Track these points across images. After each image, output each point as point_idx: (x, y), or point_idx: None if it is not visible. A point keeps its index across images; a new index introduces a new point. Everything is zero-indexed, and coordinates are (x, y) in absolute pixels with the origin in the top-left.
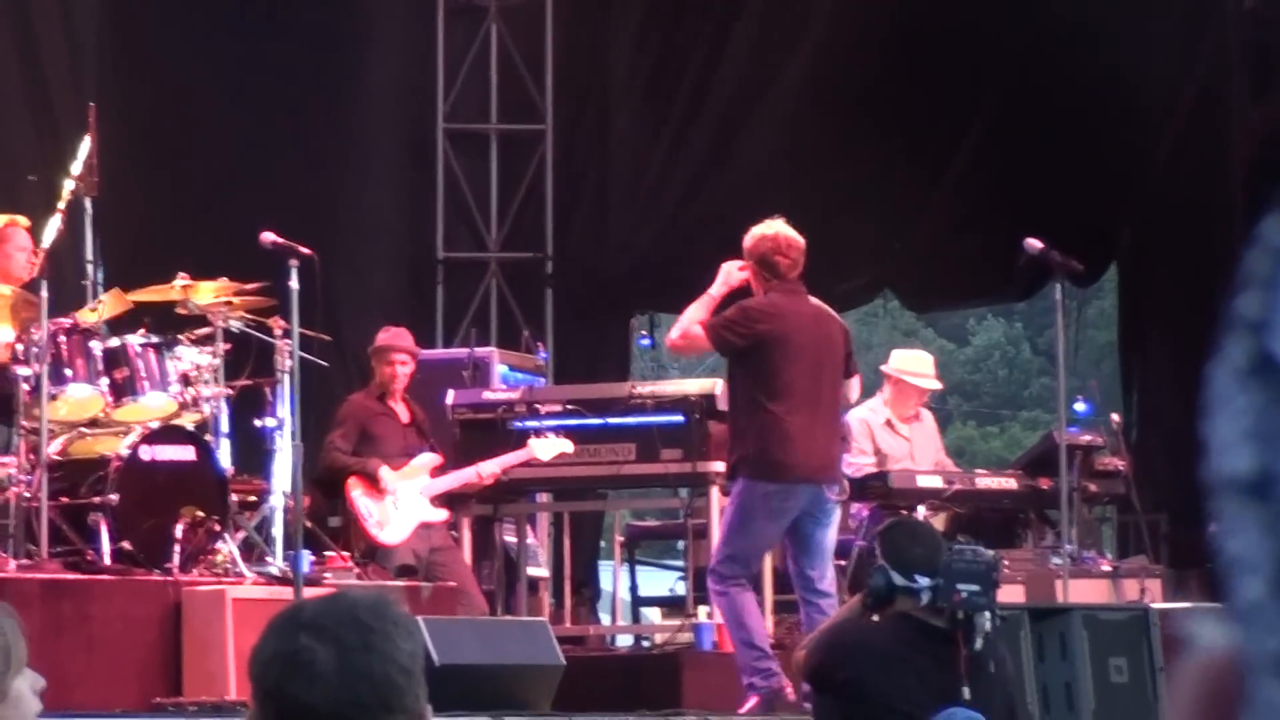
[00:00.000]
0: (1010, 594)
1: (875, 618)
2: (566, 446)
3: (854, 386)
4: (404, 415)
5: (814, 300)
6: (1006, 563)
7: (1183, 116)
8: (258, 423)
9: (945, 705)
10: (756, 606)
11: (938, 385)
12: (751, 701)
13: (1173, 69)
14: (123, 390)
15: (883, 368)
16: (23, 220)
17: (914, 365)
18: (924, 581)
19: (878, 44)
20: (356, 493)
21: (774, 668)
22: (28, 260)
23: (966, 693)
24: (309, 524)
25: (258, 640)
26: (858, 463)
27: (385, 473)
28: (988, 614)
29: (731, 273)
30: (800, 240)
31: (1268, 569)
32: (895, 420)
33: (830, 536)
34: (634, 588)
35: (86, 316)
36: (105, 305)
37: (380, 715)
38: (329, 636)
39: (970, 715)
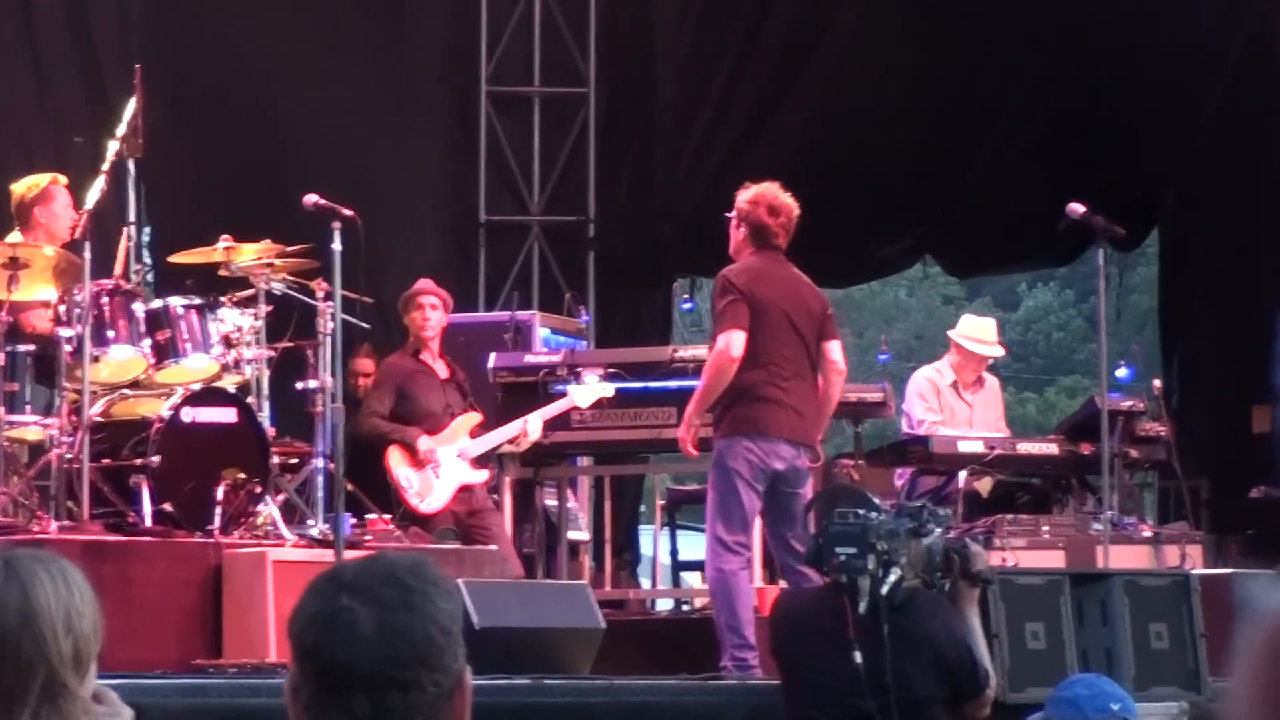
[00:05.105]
0: (1051, 559)
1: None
2: (606, 390)
3: (836, 349)
4: (442, 372)
5: (793, 269)
6: (1047, 528)
7: (1227, 80)
8: (299, 385)
9: (849, 670)
10: (749, 591)
11: (1000, 351)
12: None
13: (1217, 31)
14: (165, 352)
15: (949, 333)
16: (63, 179)
17: (978, 331)
18: None
19: (922, 7)
20: (395, 461)
21: (750, 659)
22: (70, 219)
23: (857, 657)
24: (350, 486)
25: (298, 601)
26: (928, 420)
27: (424, 442)
28: (867, 577)
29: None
30: (795, 207)
31: None
32: (960, 385)
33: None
34: (674, 551)
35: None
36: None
37: (419, 673)
38: (369, 597)
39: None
